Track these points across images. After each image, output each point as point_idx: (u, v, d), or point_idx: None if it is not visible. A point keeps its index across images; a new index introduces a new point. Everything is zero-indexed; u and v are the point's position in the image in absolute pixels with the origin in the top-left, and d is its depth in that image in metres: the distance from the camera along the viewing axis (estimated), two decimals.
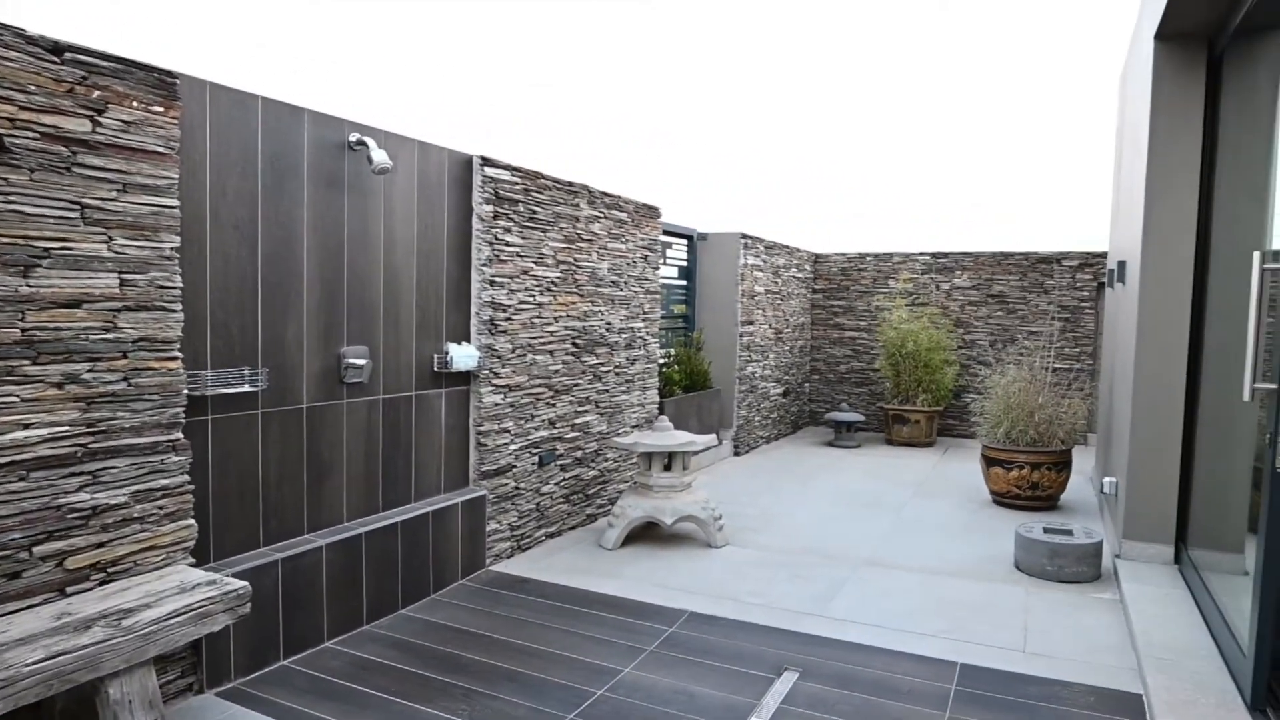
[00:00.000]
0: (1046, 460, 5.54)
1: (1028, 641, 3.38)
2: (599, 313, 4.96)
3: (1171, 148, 4.11)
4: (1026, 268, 8.38)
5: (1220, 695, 2.74)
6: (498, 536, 4.18)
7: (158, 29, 3.17)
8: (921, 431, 8.11)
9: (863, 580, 4.08)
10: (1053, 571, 4.14)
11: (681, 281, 7.19)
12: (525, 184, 4.28)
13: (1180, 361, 4.12)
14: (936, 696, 2.89)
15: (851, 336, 9.08)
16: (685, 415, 6.23)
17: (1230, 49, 3.83)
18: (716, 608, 3.67)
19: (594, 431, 4.96)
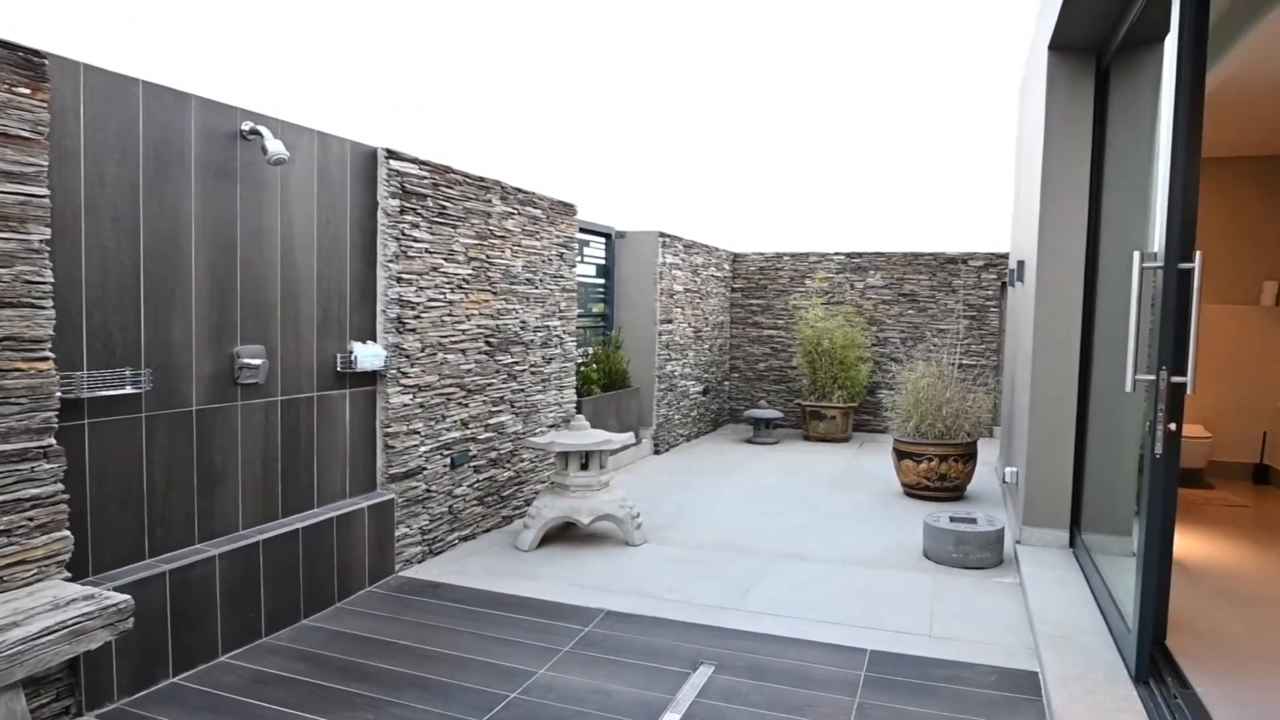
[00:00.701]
0: (954, 452, 5.79)
1: (934, 626, 3.52)
2: (513, 311, 4.91)
3: (1064, 153, 4.36)
4: (935, 268, 8.75)
5: (1108, 669, 2.92)
6: (408, 541, 4.08)
7: (32, 7, 2.97)
8: (838, 427, 8.35)
9: (778, 573, 4.17)
10: (958, 558, 4.33)
11: (599, 280, 7.20)
12: (434, 178, 4.20)
13: (1073, 356, 4.38)
14: (847, 683, 2.97)
15: (770, 335, 9.28)
16: (604, 414, 6.23)
17: (1116, 61, 4.10)
18: (634, 605, 3.69)
19: (509, 432, 4.91)
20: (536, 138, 6.55)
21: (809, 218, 9.95)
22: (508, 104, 6.20)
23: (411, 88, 5.03)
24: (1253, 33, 3.70)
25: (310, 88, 4.05)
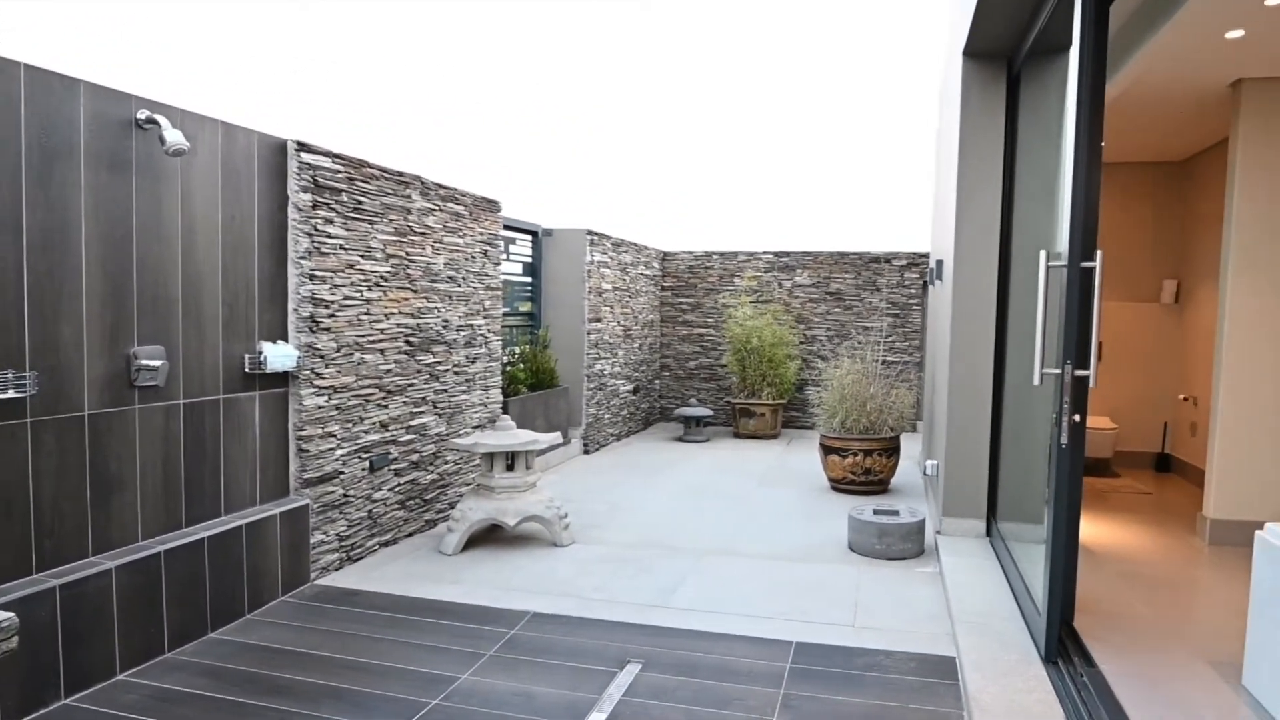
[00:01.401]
0: (878, 447, 5.96)
1: (857, 617, 3.62)
2: (435, 309, 4.82)
3: (978, 156, 4.54)
4: (861, 266, 9.00)
5: (1021, 651, 3.05)
6: (324, 548, 3.96)
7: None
8: (767, 424, 8.50)
9: (706, 570, 4.22)
10: (881, 550, 4.46)
11: (526, 278, 7.14)
12: (349, 172, 4.09)
13: (988, 352, 4.57)
14: (772, 675, 3.03)
15: (700, 333, 9.38)
16: (531, 414, 6.19)
17: (1026, 67, 4.29)
18: (561, 606, 3.67)
19: (432, 433, 4.82)
20: (460, 135, 6.46)
21: (738, 217, 10.10)
22: (431, 100, 6.09)
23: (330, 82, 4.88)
24: (1147, 45, 3.94)
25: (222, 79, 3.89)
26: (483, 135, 6.83)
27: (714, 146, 10.25)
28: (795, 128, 10.06)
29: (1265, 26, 3.70)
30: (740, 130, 10.21)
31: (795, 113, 10.04)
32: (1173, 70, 4.37)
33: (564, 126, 8.52)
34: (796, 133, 10.05)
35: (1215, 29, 3.78)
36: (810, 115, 9.99)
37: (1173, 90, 4.74)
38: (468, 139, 6.56)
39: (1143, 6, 3.96)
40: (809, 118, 10.00)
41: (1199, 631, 3.33)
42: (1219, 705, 2.70)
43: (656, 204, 10.09)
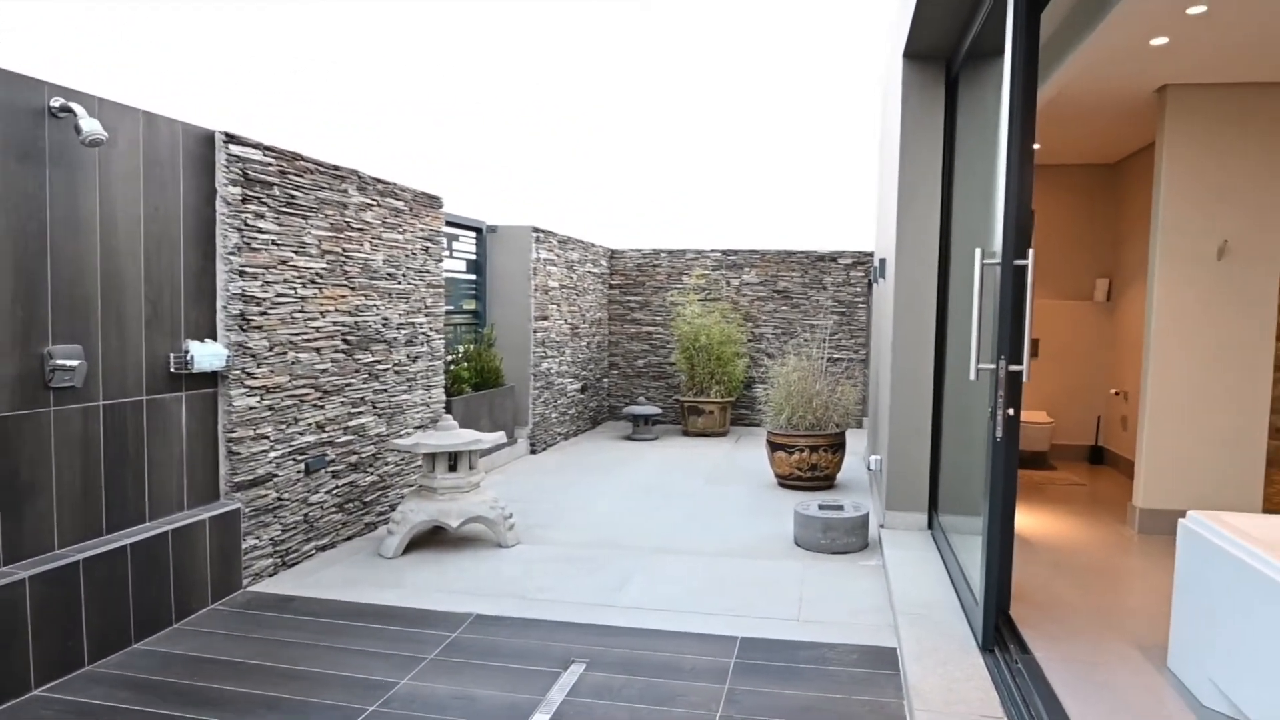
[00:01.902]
0: (824, 443, 6.06)
1: (802, 611, 3.67)
2: (374, 307, 4.73)
3: (918, 156, 4.64)
4: (807, 265, 9.13)
5: (960, 641, 3.13)
6: (257, 553, 3.85)
7: None
8: (716, 422, 8.57)
9: (653, 567, 4.23)
10: (826, 544, 4.53)
11: (471, 276, 7.05)
12: (281, 165, 3.98)
13: (928, 349, 4.68)
14: (717, 671, 3.05)
15: (649, 331, 9.40)
16: (476, 414, 6.12)
17: (964, 70, 4.40)
18: (504, 608, 3.63)
19: (371, 434, 4.72)
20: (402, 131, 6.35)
21: (686, 215, 10.15)
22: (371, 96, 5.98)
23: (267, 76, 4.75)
24: (1077, 50, 4.08)
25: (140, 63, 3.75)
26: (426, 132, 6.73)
27: (661, 145, 10.28)
28: (742, 126, 10.16)
29: (1188, 34, 3.86)
30: (687, 129, 10.26)
31: (742, 111, 10.14)
32: (1102, 75, 4.52)
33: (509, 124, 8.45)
34: (744, 132, 10.14)
35: (1140, 36, 3.92)
36: (757, 114, 10.10)
37: (1103, 94, 4.91)
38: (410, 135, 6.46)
39: (1073, 12, 4.10)
40: (756, 117, 10.11)
41: (1128, 617, 3.47)
42: (1145, 688, 2.81)
43: (604, 202, 10.08)
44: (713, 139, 10.19)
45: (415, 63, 6.69)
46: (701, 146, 10.20)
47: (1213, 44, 3.98)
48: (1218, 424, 4.72)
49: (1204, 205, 4.68)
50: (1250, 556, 2.43)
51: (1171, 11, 3.59)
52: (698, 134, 10.21)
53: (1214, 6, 3.52)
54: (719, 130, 10.18)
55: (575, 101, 9.80)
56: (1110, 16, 3.63)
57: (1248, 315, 4.67)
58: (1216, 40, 3.93)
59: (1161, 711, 2.65)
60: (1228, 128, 4.63)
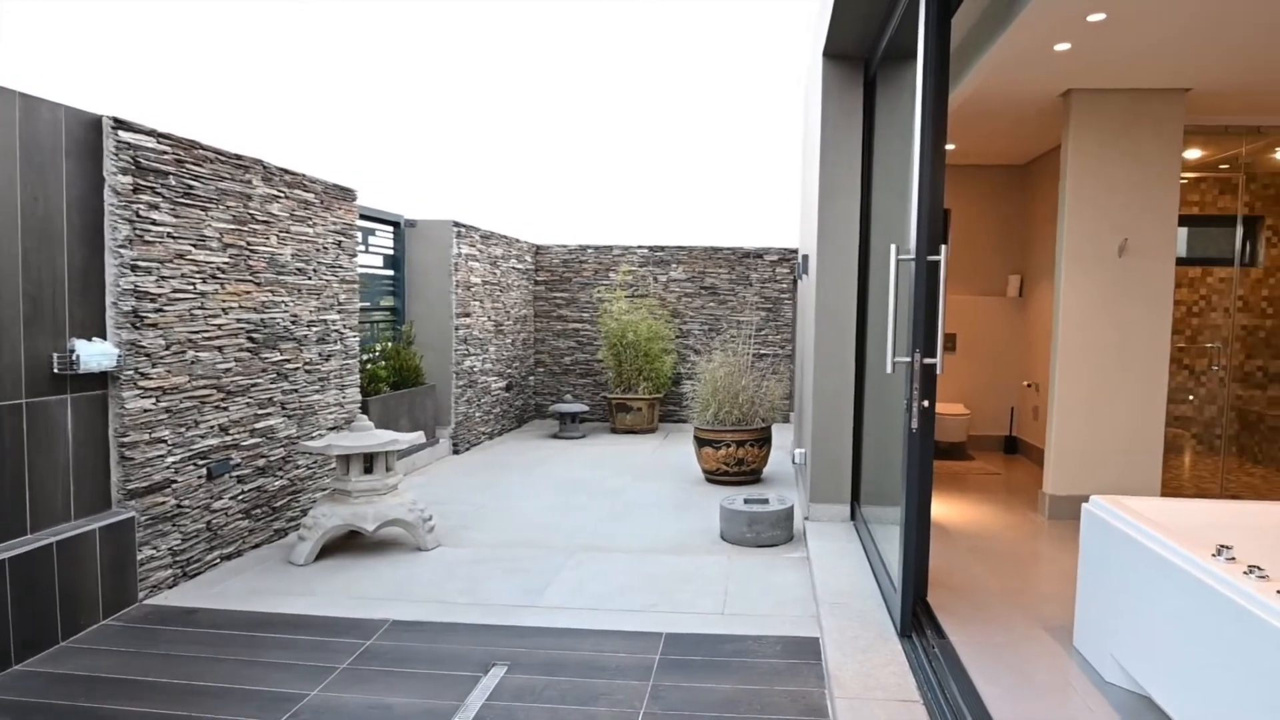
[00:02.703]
0: (750, 438, 6.14)
1: (727, 604, 3.70)
2: (282, 304, 4.55)
3: (838, 154, 4.74)
4: (734, 261, 9.24)
5: (879, 628, 3.22)
6: (155, 564, 3.65)
7: None
8: (644, 419, 8.59)
9: (578, 566, 4.20)
10: (751, 538, 4.59)
11: (388, 271, 6.87)
12: (178, 154, 3.78)
13: (850, 343, 4.79)
14: (641, 668, 3.05)
15: (575, 328, 9.36)
16: (395, 414, 5.97)
17: (881, 70, 4.51)
18: (422, 612, 3.55)
19: (280, 436, 4.54)
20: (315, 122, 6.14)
21: (613, 211, 10.14)
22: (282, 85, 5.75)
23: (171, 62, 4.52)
24: (987, 54, 4.23)
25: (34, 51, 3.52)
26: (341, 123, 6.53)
27: (587, 141, 10.24)
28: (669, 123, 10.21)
29: (1089, 41, 4.05)
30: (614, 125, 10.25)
31: (669, 108, 10.19)
32: (1011, 78, 4.71)
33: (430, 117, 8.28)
34: (671, 128, 10.20)
35: (1045, 41, 4.09)
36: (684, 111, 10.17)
37: (1013, 97, 5.12)
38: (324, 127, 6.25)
39: (984, 16, 4.26)
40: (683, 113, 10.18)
41: (1038, 600, 3.62)
42: (1052, 667, 2.94)
43: (529, 197, 9.98)
44: (640, 136, 10.21)
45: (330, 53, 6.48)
46: (629, 143, 10.21)
47: (1112, 51, 4.19)
48: (1120, 413, 4.99)
49: (1106, 205, 4.93)
50: (1146, 538, 2.57)
51: (1073, 18, 3.76)
52: (625, 130, 10.22)
53: (1112, 15, 3.70)
54: (646, 127, 10.21)
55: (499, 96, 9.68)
56: (1016, 21, 3.78)
57: (1147, 310, 4.95)
58: (1115, 47, 4.14)
59: (1067, 688, 2.78)
60: (1127, 130, 4.89)
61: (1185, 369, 7.07)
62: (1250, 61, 4.25)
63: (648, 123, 10.22)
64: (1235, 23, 3.76)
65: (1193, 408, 7.03)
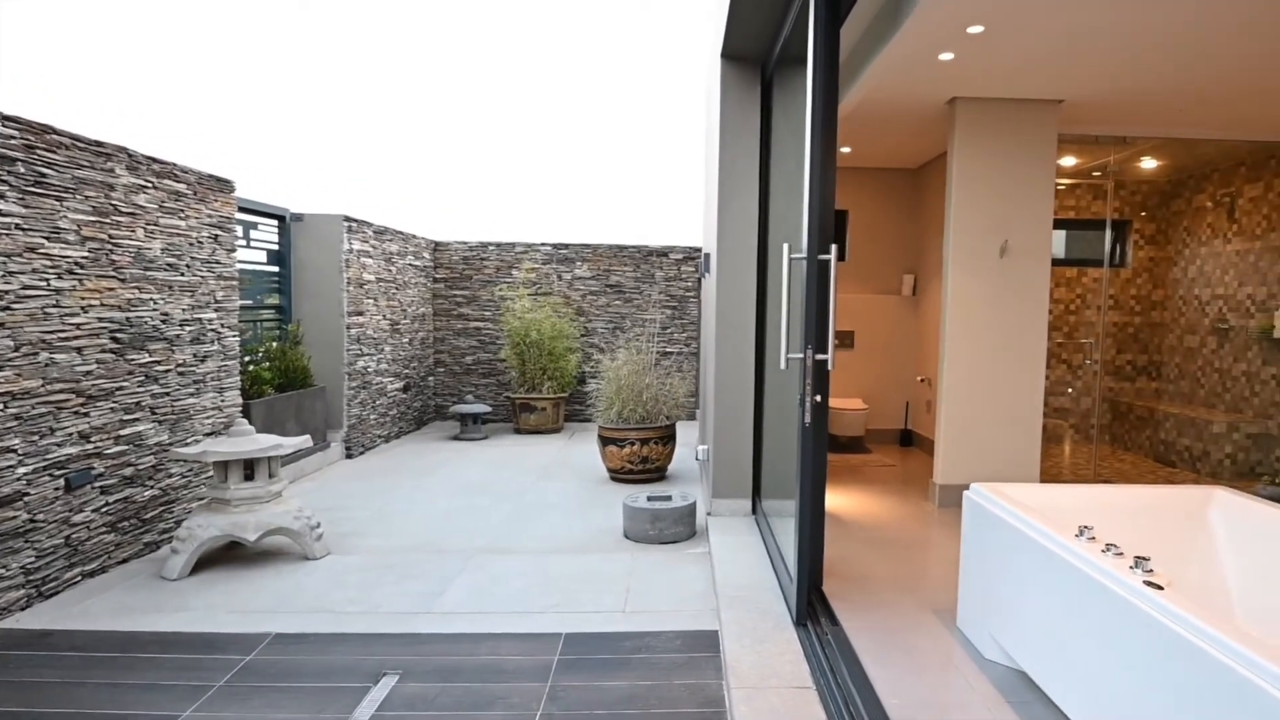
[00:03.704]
0: (654, 435, 6.21)
1: (628, 602, 3.73)
2: (150, 301, 4.30)
3: (737, 153, 4.85)
4: (639, 259, 9.31)
5: (776, 618, 3.31)
6: (4, 584, 3.39)
7: None
8: (549, 418, 8.55)
9: (477, 570, 4.15)
10: (655, 535, 4.65)
11: (273, 268, 6.59)
12: (27, 139, 3.51)
13: (750, 340, 4.91)
14: (540, 669, 3.04)
15: (477, 327, 9.22)
16: (281, 417, 5.73)
17: (777, 72, 4.64)
18: (309, 624, 3.43)
19: (150, 443, 4.29)
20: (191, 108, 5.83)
21: (515, 208, 10.06)
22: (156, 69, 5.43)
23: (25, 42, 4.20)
24: (876, 60, 4.41)
25: None
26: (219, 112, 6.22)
27: (490, 137, 10.11)
28: (574, 120, 10.20)
29: (970, 51, 4.27)
30: (518, 121, 10.16)
31: (574, 105, 10.18)
32: (900, 85, 4.92)
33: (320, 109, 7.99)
34: (576, 125, 10.19)
35: (929, 50, 4.29)
36: (589, 108, 10.17)
37: (903, 103, 5.35)
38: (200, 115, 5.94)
39: (873, 23, 4.44)
40: (588, 110, 10.18)
41: (926, 585, 3.81)
42: (937, 648, 3.10)
43: (427, 194, 9.77)
44: (544, 132, 10.16)
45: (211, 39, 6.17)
46: (532, 139, 10.14)
47: (992, 61, 4.44)
48: (1002, 405, 5.30)
49: (988, 208, 5.23)
50: (1018, 521, 2.74)
51: (954, 29, 3.96)
52: (528, 127, 10.15)
53: (990, 27, 3.92)
54: (551, 123, 10.16)
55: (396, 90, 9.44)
56: (902, 30, 3.96)
57: (1025, 308, 5.27)
58: (994, 58, 4.38)
59: (950, 667, 2.93)
60: (1007, 138, 5.20)
61: (1063, 363, 7.58)
62: (1116, 76, 4.59)
63: (552, 119, 10.18)
64: (1101, 41, 4.05)
65: (1070, 400, 7.54)
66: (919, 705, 2.64)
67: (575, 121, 10.17)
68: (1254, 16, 3.66)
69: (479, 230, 9.49)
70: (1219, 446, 6.49)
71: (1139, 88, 4.78)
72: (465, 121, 10.05)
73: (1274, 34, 3.83)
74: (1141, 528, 2.97)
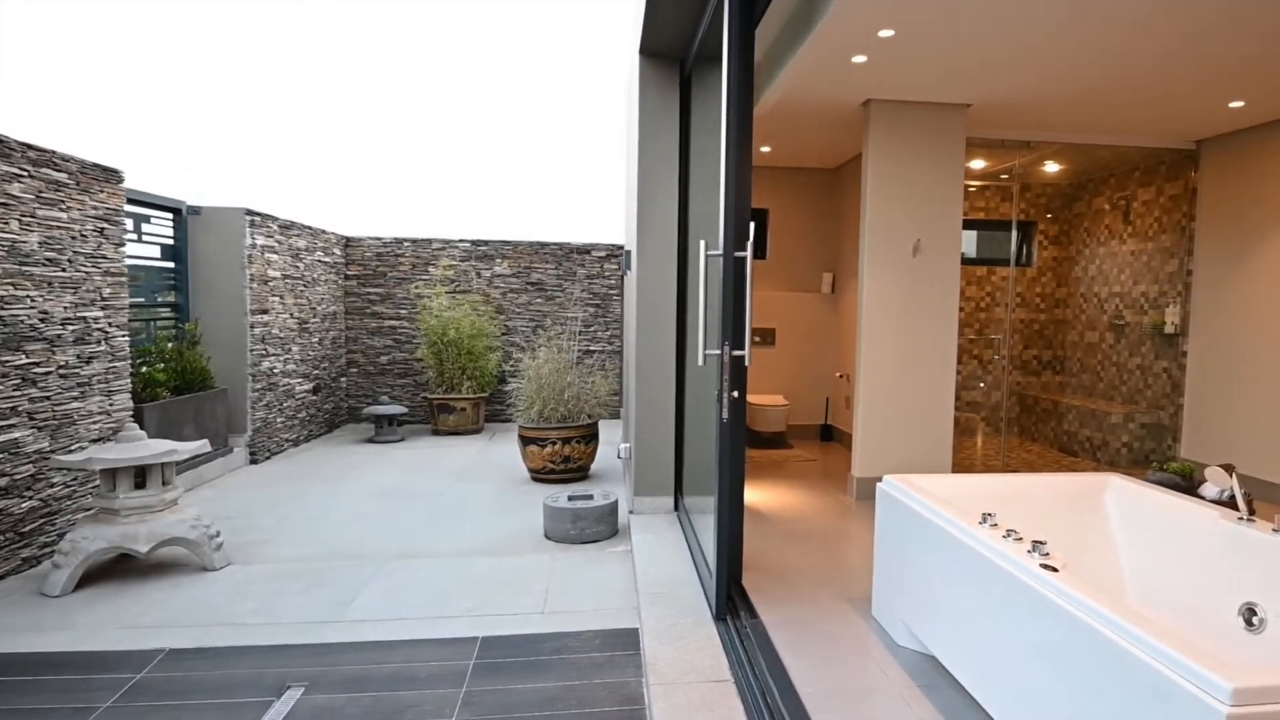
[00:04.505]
0: (576, 434, 6.18)
1: (548, 603, 3.71)
2: (27, 299, 4.02)
3: (657, 150, 4.87)
4: (561, 257, 9.26)
5: (696, 614, 3.34)
6: None
7: None
8: (468, 419, 8.42)
9: (391, 575, 4.05)
10: (575, 534, 4.63)
11: (169, 263, 6.28)
12: None
13: (671, 337, 4.94)
14: (455, 674, 2.98)
15: (392, 325, 9.00)
16: (178, 421, 5.47)
17: (696, 70, 4.67)
18: (207, 638, 3.28)
19: (28, 451, 4.02)
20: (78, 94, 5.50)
21: (432, 204, 9.87)
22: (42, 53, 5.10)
23: None
24: (792, 61, 4.51)
25: None
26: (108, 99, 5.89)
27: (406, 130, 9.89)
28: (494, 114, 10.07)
29: (882, 55, 4.40)
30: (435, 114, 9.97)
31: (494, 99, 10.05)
32: (817, 86, 5.03)
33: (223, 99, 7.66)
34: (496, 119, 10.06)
35: (843, 53, 4.39)
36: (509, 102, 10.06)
37: (820, 104, 5.47)
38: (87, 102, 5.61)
39: (788, 25, 4.53)
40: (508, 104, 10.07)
41: (843, 575, 3.91)
42: (852, 636, 3.18)
43: (338, 188, 9.49)
44: (462, 126, 10.00)
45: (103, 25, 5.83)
46: (449, 133, 9.96)
47: (903, 65, 4.59)
48: (917, 400, 5.49)
49: (901, 208, 5.40)
50: (927, 510, 2.84)
51: (866, 32, 4.07)
52: (446, 120, 9.97)
53: (900, 32, 4.05)
54: (469, 116, 10.01)
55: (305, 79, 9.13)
56: (815, 32, 4.05)
57: (937, 305, 5.47)
58: (905, 62, 4.53)
59: (865, 655, 3.02)
60: (919, 140, 5.38)
61: (975, 359, 7.90)
62: (1019, 83, 4.80)
63: (471, 113, 10.03)
64: (1006, 48, 4.23)
65: (982, 394, 7.87)
66: (833, 693, 2.71)
67: (495, 116, 10.05)
68: (1144, 29, 3.89)
69: (394, 226, 9.27)
70: (1116, 436, 6.88)
71: (1041, 94, 5.03)
72: (380, 114, 9.81)
73: (1162, 45, 4.08)
74: (1043, 514, 3.12)
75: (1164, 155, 6.55)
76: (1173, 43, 4.07)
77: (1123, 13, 3.74)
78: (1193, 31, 3.92)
